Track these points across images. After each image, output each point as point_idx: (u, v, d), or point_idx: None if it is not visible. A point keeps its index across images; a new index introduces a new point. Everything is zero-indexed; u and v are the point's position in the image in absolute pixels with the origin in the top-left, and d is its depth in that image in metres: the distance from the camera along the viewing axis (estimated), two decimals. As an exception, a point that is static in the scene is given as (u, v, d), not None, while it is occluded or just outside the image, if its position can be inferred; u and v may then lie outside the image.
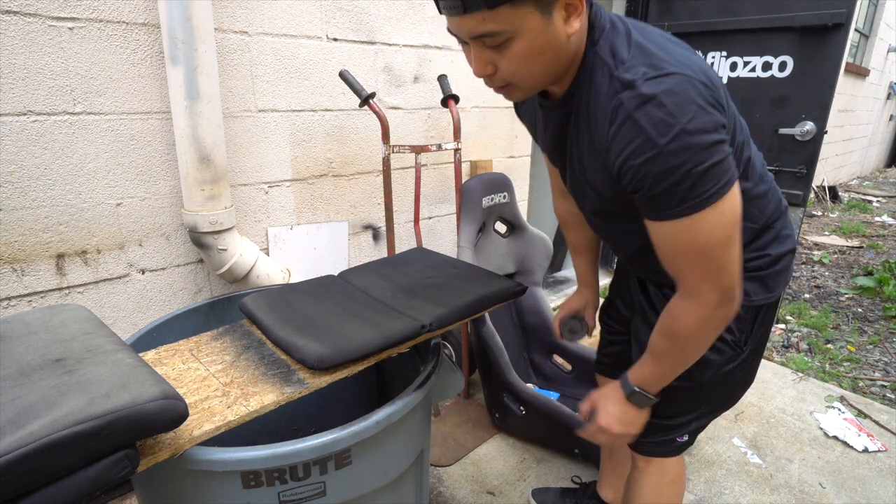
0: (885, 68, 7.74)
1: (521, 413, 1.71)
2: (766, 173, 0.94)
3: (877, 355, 2.53)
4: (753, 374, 1.06)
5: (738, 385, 1.05)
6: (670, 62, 0.70)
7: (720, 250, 0.75)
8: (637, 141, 0.69)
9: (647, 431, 1.04)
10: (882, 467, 1.74)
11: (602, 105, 0.74)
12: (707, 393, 1.01)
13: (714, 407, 1.06)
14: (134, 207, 1.43)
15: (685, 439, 1.07)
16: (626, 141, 0.70)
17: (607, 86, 0.73)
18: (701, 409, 1.04)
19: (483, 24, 0.68)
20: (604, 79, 0.74)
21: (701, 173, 0.68)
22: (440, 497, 1.58)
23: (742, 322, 0.96)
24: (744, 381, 1.06)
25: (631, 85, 0.69)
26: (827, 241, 4.43)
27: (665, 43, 0.75)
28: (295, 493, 0.80)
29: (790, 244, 0.96)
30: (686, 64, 0.71)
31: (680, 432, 1.06)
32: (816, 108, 2.25)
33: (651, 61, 0.71)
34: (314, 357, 0.86)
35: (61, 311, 0.93)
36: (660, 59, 0.71)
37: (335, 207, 1.87)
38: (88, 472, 0.62)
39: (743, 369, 1.01)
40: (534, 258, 2.08)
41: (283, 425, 1.45)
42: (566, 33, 0.72)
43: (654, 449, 1.08)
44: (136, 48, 1.34)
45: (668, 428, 1.05)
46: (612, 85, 0.72)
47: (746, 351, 0.99)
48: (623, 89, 0.70)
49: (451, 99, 1.79)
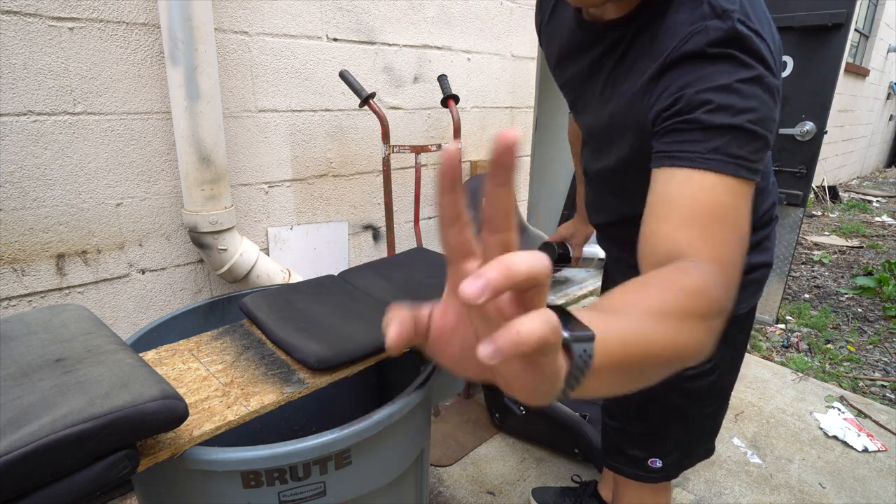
0: (885, 68, 7.74)
1: (521, 413, 1.71)
2: (771, 167, 0.89)
3: (877, 355, 2.53)
4: (725, 403, 0.99)
5: (705, 407, 0.97)
6: (766, 28, 0.64)
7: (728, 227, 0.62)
8: (705, 70, 0.61)
9: (610, 441, 1.03)
10: (882, 467, 1.74)
11: (676, 33, 0.65)
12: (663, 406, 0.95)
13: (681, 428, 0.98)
14: (134, 207, 1.43)
15: (658, 465, 0.99)
16: (693, 68, 0.62)
17: (692, 14, 0.64)
18: (662, 423, 0.97)
19: None
20: (693, 8, 0.65)
21: (749, 132, 0.59)
22: (440, 497, 1.58)
23: None
24: (715, 406, 0.98)
25: (725, 14, 0.61)
26: (827, 241, 4.43)
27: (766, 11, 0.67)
28: (295, 493, 0.80)
29: (768, 257, 0.90)
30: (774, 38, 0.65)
31: (648, 454, 0.99)
32: (816, 108, 2.25)
33: (754, 11, 0.63)
34: (314, 357, 0.86)
35: (61, 311, 0.93)
36: (760, 17, 0.64)
37: (335, 207, 1.87)
38: (88, 472, 0.62)
39: (709, 390, 0.94)
40: (534, 258, 2.08)
41: (283, 425, 1.45)
42: None
43: (626, 468, 1.03)
44: (136, 48, 1.34)
45: (629, 438, 1.00)
46: (700, 9, 0.64)
47: (709, 366, 0.90)
48: (713, 17, 0.62)
49: (451, 99, 1.79)
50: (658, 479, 1.02)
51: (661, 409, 0.96)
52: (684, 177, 0.60)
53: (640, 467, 1.01)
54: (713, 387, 0.94)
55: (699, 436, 1.02)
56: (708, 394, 0.94)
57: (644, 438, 1.00)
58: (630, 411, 0.99)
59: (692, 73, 0.62)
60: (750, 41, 0.60)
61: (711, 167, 0.58)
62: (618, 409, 1.02)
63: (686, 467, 1.03)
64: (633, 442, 1.01)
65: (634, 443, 1.01)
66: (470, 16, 2.07)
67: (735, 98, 0.59)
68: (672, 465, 1.00)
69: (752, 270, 0.89)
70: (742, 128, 0.59)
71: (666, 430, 0.98)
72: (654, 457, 1.00)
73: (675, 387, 0.92)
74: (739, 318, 0.92)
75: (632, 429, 1.00)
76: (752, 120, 0.59)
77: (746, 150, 0.59)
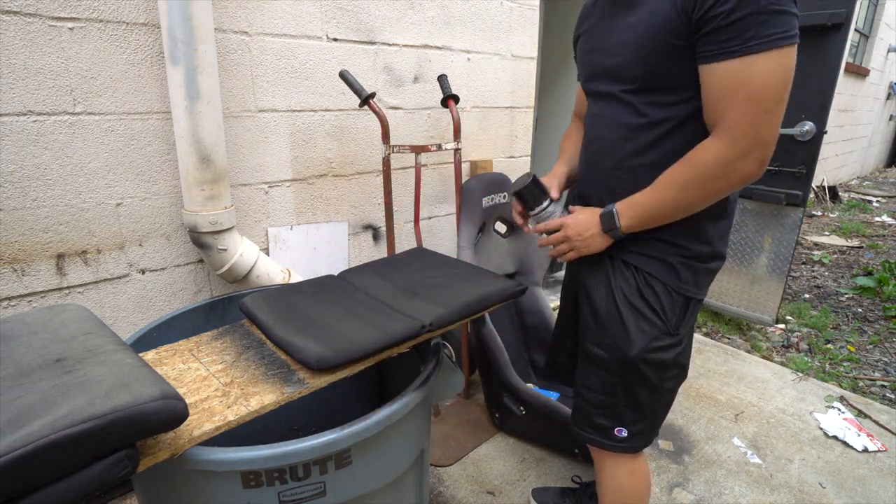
0: (885, 68, 7.74)
1: (521, 413, 1.71)
2: None
3: (877, 355, 2.53)
4: (685, 369, 1.07)
5: (669, 374, 1.04)
6: None
7: (771, 100, 0.78)
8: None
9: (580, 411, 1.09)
10: (882, 467, 1.74)
11: None
12: (633, 375, 1.01)
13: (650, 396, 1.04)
14: (134, 207, 1.43)
15: (624, 434, 1.06)
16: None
17: None
18: (631, 391, 1.03)
19: None
20: None
21: (775, 11, 0.74)
22: (440, 497, 1.58)
23: (674, 303, 0.98)
24: (676, 373, 1.05)
25: None
26: (827, 241, 4.43)
27: None
28: (295, 493, 0.80)
29: (723, 249, 1.01)
30: None
31: (614, 423, 1.06)
32: (816, 108, 2.25)
33: None
34: (314, 357, 0.86)
35: (61, 311, 0.93)
36: None
37: (335, 207, 1.87)
38: (88, 472, 0.62)
39: (674, 361, 1.02)
40: (534, 258, 2.08)
41: (283, 425, 1.45)
42: None
43: (593, 436, 1.09)
44: (136, 48, 1.34)
45: (595, 405, 1.06)
46: None
47: (678, 338, 1.00)
48: None
49: (451, 99, 1.79)
50: (625, 450, 1.08)
51: (629, 378, 1.02)
52: (725, 67, 0.80)
53: (606, 436, 1.07)
54: (677, 358, 1.03)
55: (661, 406, 1.08)
56: (673, 364, 1.03)
57: (612, 408, 1.05)
58: (601, 380, 1.05)
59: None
60: None
61: (749, 51, 0.77)
62: (592, 379, 1.07)
63: (649, 440, 1.09)
64: (601, 411, 1.06)
65: (602, 412, 1.06)
66: (470, 16, 2.07)
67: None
68: (636, 434, 1.07)
69: (711, 259, 0.99)
70: (770, 6, 0.74)
71: (632, 398, 1.04)
72: (620, 425, 1.06)
73: (645, 357, 0.99)
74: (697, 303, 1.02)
75: (603, 397, 1.05)
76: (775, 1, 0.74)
77: (779, 23, 0.75)
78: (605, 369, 1.04)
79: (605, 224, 0.97)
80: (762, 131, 0.80)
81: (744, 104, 0.79)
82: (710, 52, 0.80)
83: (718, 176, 0.85)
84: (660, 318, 0.99)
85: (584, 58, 1.05)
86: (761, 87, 0.78)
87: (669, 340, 1.00)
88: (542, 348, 2.10)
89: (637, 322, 0.99)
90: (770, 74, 0.77)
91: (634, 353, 0.99)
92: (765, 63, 0.77)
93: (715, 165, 0.84)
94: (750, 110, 0.79)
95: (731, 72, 0.79)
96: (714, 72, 0.81)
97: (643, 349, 0.99)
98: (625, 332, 1.00)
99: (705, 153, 0.85)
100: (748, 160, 0.82)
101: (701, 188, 0.87)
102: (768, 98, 0.78)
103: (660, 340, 0.99)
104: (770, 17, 0.74)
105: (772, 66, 0.77)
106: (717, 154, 0.83)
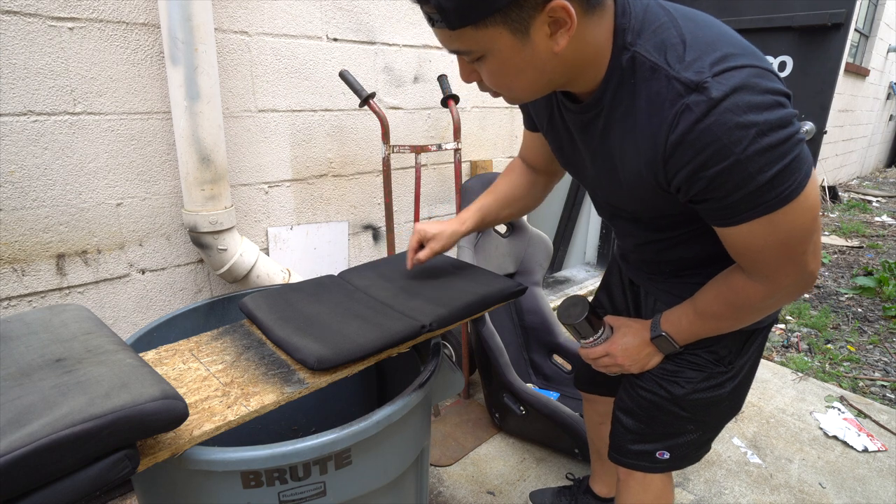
0: (884, 68, 7.74)
1: (521, 413, 1.71)
2: None
3: (877, 355, 2.53)
4: (740, 402, 1.01)
5: (721, 409, 0.99)
6: (733, 50, 0.62)
7: (805, 238, 0.69)
8: (709, 151, 0.62)
9: (620, 437, 1.03)
10: (882, 467, 1.74)
11: (657, 112, 0.66)
12: (684, 409, 0.96)
13: (697, 429, 0.99)
14: (134, 207, 1.43)
15: (666, 457, 1.00)
16: (695, 152, 0.63)
17: (665, 89, 0.64)
18: (678, 424, 0.98)
19: (451, 42, 0.67)
20: (657, 82, 0.65)
21: (780, 172, 0.61)
22: (440, 497, 1.58)
23: (732, 342, 0.92)
24: (730, 406, 1.00)
25: (699, 87, 0.61)
26: (827, 241, 4.43)
27: (715, 23, 0.67)
28: (295, 493, 0.80)
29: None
30: (748, 48, 0.64)
31: (658, 447, 1.00)
32: (816, 109, 2.24)
33: (714, 53, 0.62)
34: (314, 357, 0.86)
35: (61, 311, 0.93)
36: (721, 47, 0.63)
37: (335, 207, 1.87)
38: (88, 472, 0.62)
39: (730, 395, 0.96)
40: (534, 258, 2.08)
41: (283, 425, 1.45)
42: (551, 51, 0.63)
43: (633, 461, 1.03)
44: (136, 48, 1.34)
45: (641, 437, 1.01)
46: (672, 88, 0.63)
47: (733, 371, 0.94)
48: (689, 93, 0.61)
49: (451, 99, 1.79)
50: (663, 469, 1.02)
51: (680, 409, 0.96)
52: (740, 231, 0.69)
53: (648, 459, 1.02)
54: (735, 390, 0.96)
55: (712, 433, 1.03)
56: (729, 396, 0.96)
57: (657, 436, 1.00)
58: (644, 409, 0.99)
59: (697, 154, 0.63)
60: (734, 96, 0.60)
61: (764, 213, 0.65)
62: (634, 407, 1.01)
63: (694, 461, 1.03)
64: (644, 438, 1.01)
65: (646, 439, 1.01)
66: (470, 16, 2.07)
67: (750, 165, 0.61)
68: (679, 457, 1.01)
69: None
70: (772, 174, 0.62)
71: (681, 430, 0.99)
72: (664, 450, 1.00)
73: (692, 398, 0.94)
74: (766, 329, 0.95)
75: (646, 427, 1.00)
76: (776, 164, 0.61)
77: (788, 178, 0.63)
78: (648, 401, 0.98)
79: (663, 348, 0.92)
80: (807, 266, 0.72)
81: (777, 254, 0.70)
82: (717, 222, 0.71)
83: (769, 306, 0.79)
84: (710, 362, 0.92)
85: (564, 165, 0.95)
86: (790, 235, 0.68)
87: (722, 377, 0.92)
88: (542, 348, 2.10)
89: (681, 362, 0.93)
90: (794, 221, 0.66)
91: (681, 394, 0.93)
92: (785, 215, 0.65)
93: (761, 301, 0.77)
94: (785, 255, 0.70)
95: (751, 233, 0.68)
96: (728, 234, 0.72)
97: (691, 390, 0.93)
98: (669, 373, 0.94)
99: (752, 296, 0.77)
100: (799, 286, 0.75)
101: (756, 317, 0.83)
102: (803, 239, 0.69)
103: (710, 380, 0.92)
104: (775, 177, 0.62)
105: (796, 214, 0.65)
106: (765, 294, 0.76)
